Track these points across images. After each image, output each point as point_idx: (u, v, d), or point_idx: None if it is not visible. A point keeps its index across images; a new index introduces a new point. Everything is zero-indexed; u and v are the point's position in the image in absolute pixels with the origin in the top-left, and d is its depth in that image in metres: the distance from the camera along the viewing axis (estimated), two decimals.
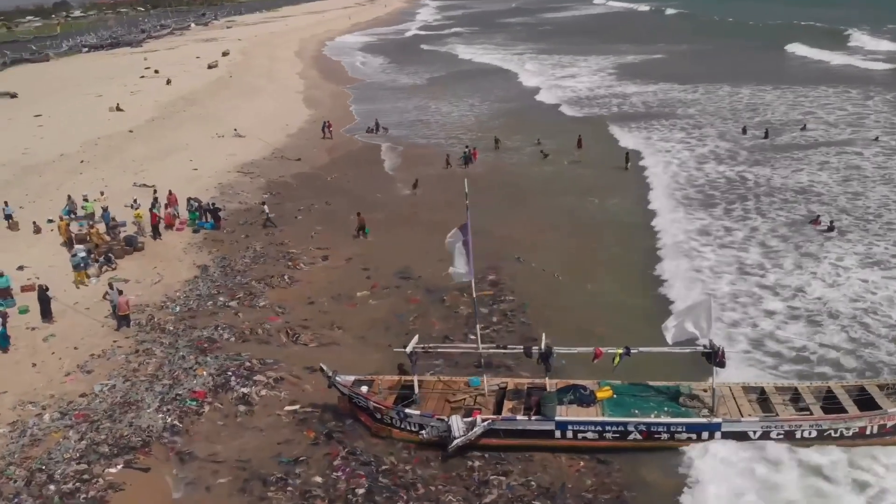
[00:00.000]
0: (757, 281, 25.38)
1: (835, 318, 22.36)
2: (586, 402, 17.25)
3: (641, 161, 42.17)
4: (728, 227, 30.90)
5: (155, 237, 32.31)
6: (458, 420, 16.83)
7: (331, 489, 16.41)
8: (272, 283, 27.80)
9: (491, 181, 41.34)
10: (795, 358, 20.39)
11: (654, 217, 32.69)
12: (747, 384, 18.01)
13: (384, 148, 50.82)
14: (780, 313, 22.97)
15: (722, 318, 22.44)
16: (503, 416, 17.15)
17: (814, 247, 27.90)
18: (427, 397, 18.15)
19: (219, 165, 45.41)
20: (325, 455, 17.63)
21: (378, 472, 16.88)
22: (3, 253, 30.05)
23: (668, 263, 27.26)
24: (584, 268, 27.99)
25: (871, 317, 22.42)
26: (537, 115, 60.20)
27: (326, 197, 39.22)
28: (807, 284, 24.77)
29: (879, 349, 20.58)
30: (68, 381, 21.25)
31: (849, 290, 24.20)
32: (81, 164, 45.19)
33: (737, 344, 21.01)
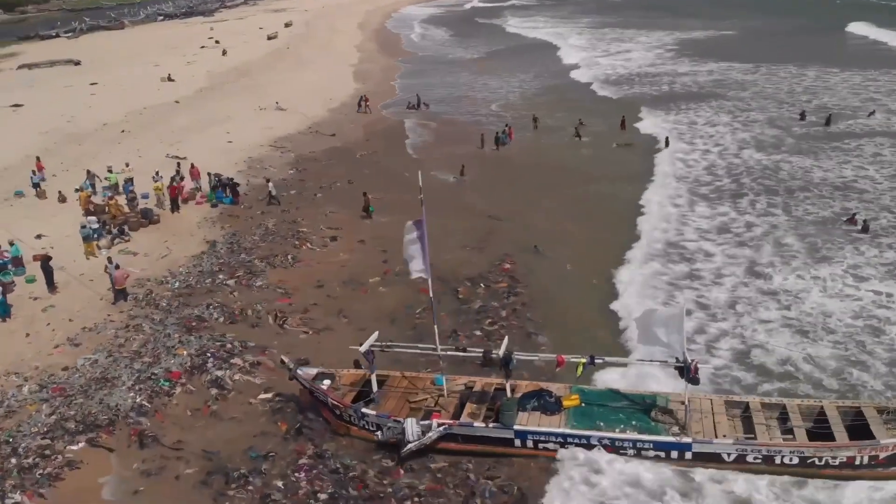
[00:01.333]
0: (760, 286, 23.69)
1: (831, 334, 20.60)
2: (550, 409, 16.24)
3: (680, 145, 40.14)
4: (750, 222, 29.03)
5: (173, 210, 32.46)
6: (414, 423, 16.09)
7: (290, 494, 15.72)
8: (274, 262, 27.50)
9: (523, 163, 40.18)
10: (779, 374, 18.79)
11: (676, 210, 31.05)
12: (731, 398, 16.62)
13: (414, 125, 49.95)
14: (773, 322, 21.31)
15: (708, 326, 21.16)
16: (460, 421, 16.32)
17: (834, 250, 25.84)
18: (388, 395, 17.48)
19: (253, 139, 45.46)
20: (292, 452, 17.06)
21: (347, 479, 15.99)
22: (26, 220, 30.78)
23: (673, 266, 25.76)
24: (597, 262, 26.71)
25: (871, 336, 20.41)
26: (582, 93, 58.22)
27: (353, 174, 38.68)
28: (811, 292, 22.98)
29: (869, 371, 18.77)
30: (56, 353, 21.49)
31: (854, 303, 22.15)
32: (122, 133, 46.03)
33: (717, 354, 19.65)
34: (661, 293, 23.57)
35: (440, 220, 30.90)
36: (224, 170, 38.34)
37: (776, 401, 16.43)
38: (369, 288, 25.47)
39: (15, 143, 42.05)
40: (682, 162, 37.04)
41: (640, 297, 23.00)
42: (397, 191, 35.91)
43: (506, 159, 41.50)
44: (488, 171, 38.06)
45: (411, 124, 50.35)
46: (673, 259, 26.26)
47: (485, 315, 23.28)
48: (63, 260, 26.75)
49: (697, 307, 22.50)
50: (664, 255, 26.58)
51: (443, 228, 29.98)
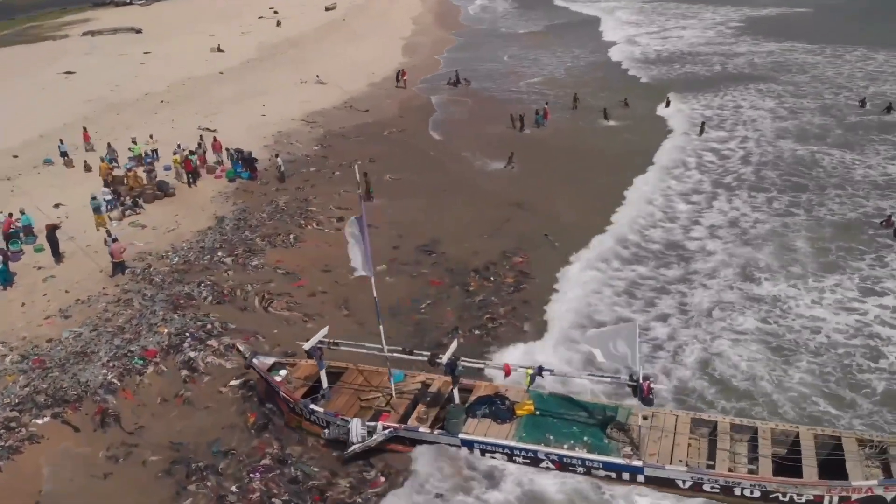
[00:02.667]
0: (747, 291, 21.91)
1: (812, 353, 18.61)
2: (502, 417, 15.42)
3: (717, 132, 38.02)
4: (761, 220, 27.17)
5: (190, 184, 32.63)
6: (359, 424, 15.55)
7: (244, 496, 15.31)
8: (276, 241, 27.25)
9: (553, 147, 38.81)
10: (739, 393, 17.30)
11: (689, 207, 29.36)
12: (699, 416, 15.32)
13: (447, 102, 48.93)
14: (747, 334, 19.57)
15: (679, 332, 19.77)
16: (406, 425, 15.69)
17: (851, 257, 23.75)
18: (341, 391, 16.99)
19: (287, 113, 45.40)
20: (254, 449, 16.64)
21: (304, 489, 15.35)
22: (49, 189, 31.48)
23: (665, 270, 24.17)
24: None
25: (865, 359, 18.30)
26: (628, 72, 55.94)
27: (377, 153, 38.09)
28: (800, 303, 21.02)
29: (846, 404, 16.79)
30: (45, 324, 21.79)
31: (855, 319, 19.96)
32: (161, 104, 46.68)
33: (682, 363, 18.32)
34: (640, 296, 22.29)
35: (462, 205, 30.44)
36: (252, 143, 38.48)
37: (748, 422, 15.03)
38: (376, 276, 24.71)
39: (57, 111, 43.18)
40: (712, 151, 35.10)
41: (610, 303, 21.88)
42: (418, 172, 35.47)
43: (537, 142, 40.18)
44: (517, 155, 36.85)
45: (444, 101, 49.40)
46: (668, 260, 24.82)
47: (485, 311, 22.45)
48: (75, 230, 27.20)
49: (676, 310, 21.19)
50: (659, 256, 25.19)
51: (463, 214, 29.51)
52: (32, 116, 41.83)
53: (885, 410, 16.13)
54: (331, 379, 17.27)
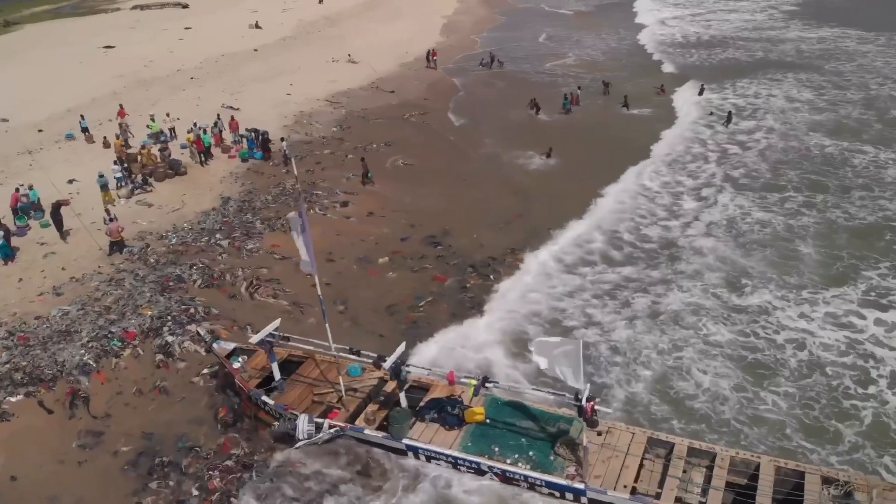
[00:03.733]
0: (727, 299, 20.37)
1: (795, 375, 16.85)
2: (450, 423, 14.89)
3: (745, 122, 36.25)
4: (766, 220, 25.55)
5: (202, 163, 32.70)
6: (305, 421, 15.24)
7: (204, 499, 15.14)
8: (275, 225, 27.07)
9: (576, 137, 37.52)
10: (695, 415, 15.93)
11: (696, 205, 27.96)
12: (656, 436, 14.42)
13: (474, 84, 47.92)
14: (719, 348, 18.05)
15: (640, 339, 18.46)
16: (353, 425, 15.30)
17: (861, 266, 22.01)
18: (296, 384, 16.69)
19: (312, 92, 45.14)
20: (219, 447, 16.41)
21: None
22: (66, 164, 31.95)
23: (651, 271, 22.93)
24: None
25: (853, 383, 16.65)
26: (666, 57, 53.85)
27: (395, 136, 37.63)
28: (782, 316, 19.34)
29: (819, 439, 15.16)
30: (37, 300, 22.06)
31: (847, 337, 18.21)
32: (190, 80, 46.92)
33: (639, 376, 17.16)
34: (611, 295, 21.24)
35: (476, 194, 29.71)
36: (272, 123, 38.48)
37: (707, 447, 14.01)
38: (379, 270, 24.27)
39: (88, 85, 43.81)
40: (734, 143, 33.38)
41: (582, 304, 20.84)
42: (434, 157, 34.84)
43: (558, 128, 39.07)
44: (535, 142, 35.77)
45: (472, 84, 48.43)
46: (654, 258, 23.60)
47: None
48: (85, 206, 27.44)
49: (645, 312, 19.96)
50: (645, 253, 24.01)
51: (476, 204, 28.86)
52: (63, 90, 42.53)
53: (869, 446, 14.58)
54: (291, 368, 17.01)
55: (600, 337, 18.94)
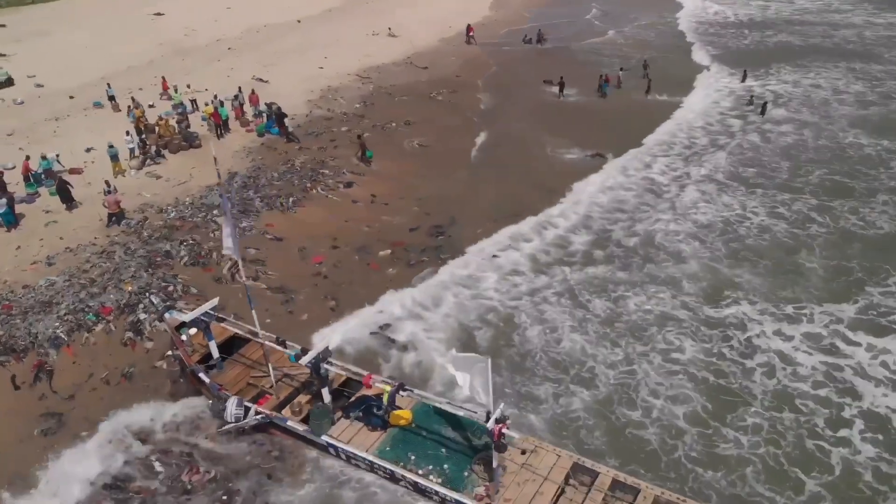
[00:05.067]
0: (701, 312, 18.45)
1: (761, 406, 15.00)
2: (373, 424, 14.38)
3: (782, 112, 33.87)
4: (767, 226, 23.54)
5: (219, 136, 32.66)
6: (234, 404, 15.11)
7: None
8: (274, 204, 26.81)
9: (601, 121, 36.02)
10: (645, 452, 14.36)
11: (695, 196, 26.26)
12: (582, 462, 13.31)
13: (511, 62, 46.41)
14: (685, 364, 16.44)
15: (591, 344, 16.94)
16: (277, 414, 14.95)
17: (869, 281, 20.00)
18: (236, 364, 16.44)
19: (345, 66, 44.64)
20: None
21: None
22: (88, 132, 32.35)
23: (621, 270, 21.37)
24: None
25: (823, 423, 14.68)
26: (718, 38, 51.15)
27: (416, 115, 36.86)
28: (770, 333, 17.44)
29: (789, 477, 13.46)
30: (29, 269, 22.39)
31: (823, 361, 16.17)
32: (228, 50, 46.99)
33: (575, 393, 15.66)
34: (572, 297, 19.81)
35: (490, 182, 28.76)
36: (298, 97, 38.30)
37: (633, 482, 12.89)
38: (380, 264, 23.56)
39: (128, 53, 44.32)
40: (762, 135, 31.09)
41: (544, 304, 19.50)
42: (453, 140, 33.94)
43: (590, 112, 37.59)
44: (566, 129, 34.20)
45: (509, 62, 47.00)
46: (631, 258, 21.99)
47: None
48: (97, 176, 27.79)
49: (603, 319, 18.31)
50: (624, 253, 22.40)
51: (488, 192, 27.97)
52: (103, 57, 43.15)
53: (831, 499, 12.91)
54: (236, 347, 16.73)
55: (544, 341, 17.64)
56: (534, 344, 17.50)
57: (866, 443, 13.76)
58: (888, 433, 13.80)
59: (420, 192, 28.16)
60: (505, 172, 29.69)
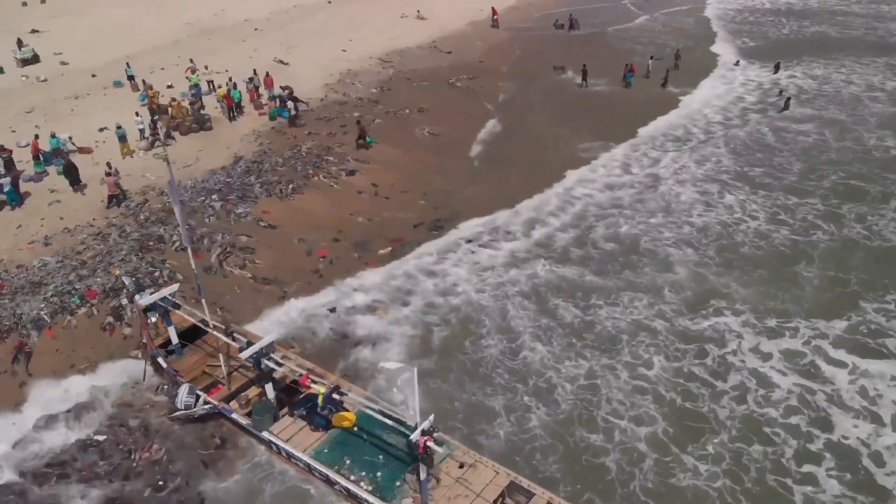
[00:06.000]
0: (678, 324, 17.33)
1: (725, 432, 13.92)
2: (316, 424, 14.10)
3: (805, 110, 32.13)
4: (764, 232, 22.06)
5: (231, 119, 32.63)
6: (185, 392, 15.12)
7: None
8: (273, 190, 26.62)
9: (621, 112, 34.84)
10: (601, 481, 13.35)
11: (694, 198, 24.92)
12: (519, 481, 12.70)
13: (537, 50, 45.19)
14: (652, 382, 15.46)
15: (554, 361, 15.90)
16: (224, 406, 14.83)
17: (866, 296, 18.59)
18: (196, 351, 16.31)
19: (368, 50, 44.13)
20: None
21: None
22: (105, 111, 32.62)
23: (597, 275, 20.04)
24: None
25: (789, 450, 13.60)
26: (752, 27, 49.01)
27: (432, 102, 36.20)
28: (747, 349, 16.20)
29: None
30: (26, 249, 22.68)
31: (799, 385, 14.97)
32: (254, 31, 46.87)
33: (528, 419, 14.66)
34: (541, 301, 18.86)
35: (499, 175, 28.07)
36: (316, 81, 38.04)
37: None
38: (378, 262, 22.85)
39: (156, 32, 44.58)
40: (778, 133, 29.44)
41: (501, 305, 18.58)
42: (465, 130, 33.21)
43: (611, 103, 36.43)
44: (584, 121, 33.07)
45: (535, 48, 45.77)
46: (610, 264, 20.78)
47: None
48: (107, 156, 27.99)
49: (571, 327, 17.22)
50: (607, 258, 21.15)
51: (496, 186, 27.30)
52: (130, 36, 43.47)
53: None
54: (200, 334, 16.65)
55: (502, 349, 16.83)
56: (492, 349, 16.73)
57: (832, 479, 12.77)
58: (856, 471, 12.79)
59: (425, 183, 27.57)
60: (511, 166, 28.92)
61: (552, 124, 33.38)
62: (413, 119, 34.27)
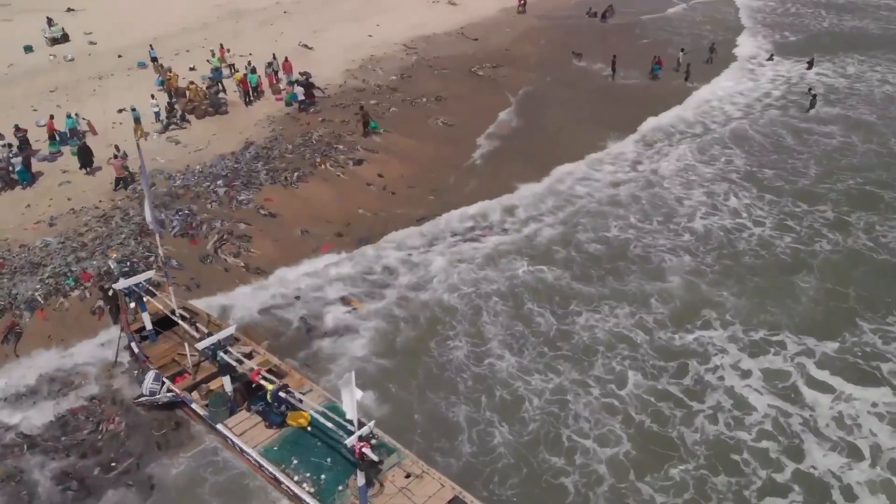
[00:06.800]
0: (656, 338, 16.39)
1: (690, 458, 13.02)
2: (271, 421, 13.92)
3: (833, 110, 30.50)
4: (768, 240, 20.86)
5: (247, 103, 32.64)
6: (151, 378, 15.10)
7: None
8: (278, 177, 26.51)
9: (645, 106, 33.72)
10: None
11: (703, 200, 23.78)
12: (463, 496, 12.23)
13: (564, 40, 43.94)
14: (622, 401, 14.50)
15: (518, 374, 15.24)
16: (185, 395, 14.79)
17: (864, 314, 17.37)
18: (170, 337, 16.29)
19: (394, 35, 43.67)
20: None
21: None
22: (126, 92, 32.96)
23: (579, 281, 19.00)
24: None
25: (756, 479, 12.65)
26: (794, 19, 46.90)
27: (450, 91, 35.60)
28: (727, 366, 15.24)
29: None
30: (31, 229, 23.06)
31: (777, 407, 14.06)
32: (283, 14, 46.76)
33: (492, 435, 13.88)
34: (519, 305, 18.06)
35: (511, 171, 27.48)
36: (337, 67, 37.81)
37: None
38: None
39: (183, 13, 44.80)
40: (797, 134, 27.92)
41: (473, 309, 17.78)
42: (480, 121, 32.49)
43: (627, 94, 35.39)
44: (608, 116, 32.19)
45: (562, 38, 44.56)
46: (595, 270, 19.72)
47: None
48: (120, 137, 28.28)
49: (542, 340, 16.34)
50: (592, 262, 20.09)
51: (490, 181, 26.76)
52: (160, 17, 43.80)
53: None
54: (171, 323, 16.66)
55: (470, 355, 16.15)
56: (460, 356, 16.04)
57: None
58: None
59: (434, 177, 26.92)
60: (520, 160, 28.18)
61: (571, 118, 32.44)
62: (429, 108, 33.77)
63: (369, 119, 29.63)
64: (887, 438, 13.19)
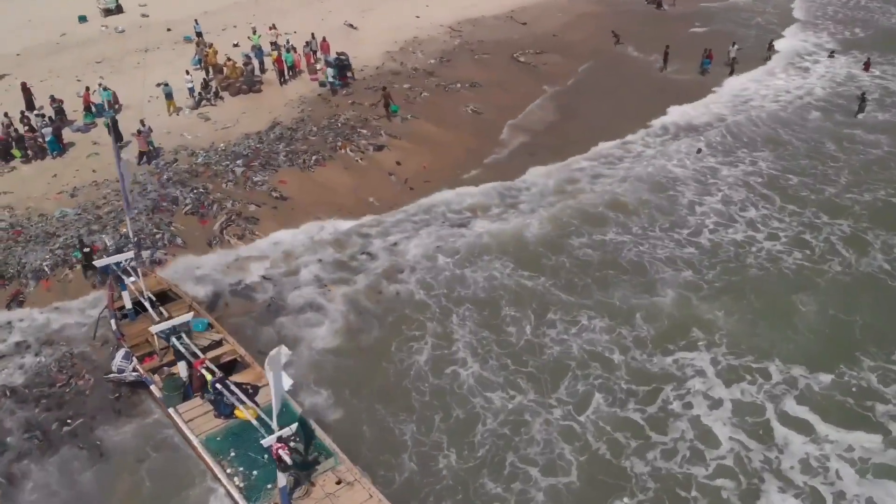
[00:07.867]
0: (631, 358, 15.28)
1: (642, 492, 12.18)
2: (220, 411, 13.87)
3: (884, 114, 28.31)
4: (776, 254, 19.43)
5: (282, 82, 32.76)
6: (119, 357, 15.39)
7: None
8: (296, 160, 26.51)
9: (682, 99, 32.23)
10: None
11: (722, 210, 22.30)
12: None
13: (618, 28, 42.07)
14: (585, 430, 13.51)
15: (476, 389, 14.38)
16: (146, 375, 14.90)
17: (868, 347, 15.82)
18: (146, 319, 16.45)
19: (442, 16, 42.98)
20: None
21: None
22: (168, 66, 33.51)
23: (561, 289, 17.90)
24: None
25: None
26: (865, 13, 43.66)
27: (487, 77, 34.77)
28: (700, 395, 14.09)
29: None
30: (53, 198, 23.79)
31: (733, 450, 12.85)
32: None
33: (434, 458, 13.22)
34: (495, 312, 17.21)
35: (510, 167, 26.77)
36: (378, 48, 37.47)
37: None
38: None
39: None
40: (840, 137, 25.83)
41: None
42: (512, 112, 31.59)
43: (673, 87, 33.83)
44: (634, 103, 30.85)
45: (617, 22, 42.75)
46: (581, 277, 18.61)
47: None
48: (152, 113, 28.81)
49: (508, 352, 15.46)
50: (581, 268, 18.97)
51: (506, 164, 26.07)
52: None
53: None
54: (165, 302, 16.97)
55: (432, 366, 15.38)
56: (420, 366, 15.34)
57: None
58: None
59: (454, 170, 26.38)
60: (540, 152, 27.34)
61: (608, 112, 31.12)
62: (462, 95, 33.09)
63: (391, 101, 29.22)
64: (853, 485, 12.12)
